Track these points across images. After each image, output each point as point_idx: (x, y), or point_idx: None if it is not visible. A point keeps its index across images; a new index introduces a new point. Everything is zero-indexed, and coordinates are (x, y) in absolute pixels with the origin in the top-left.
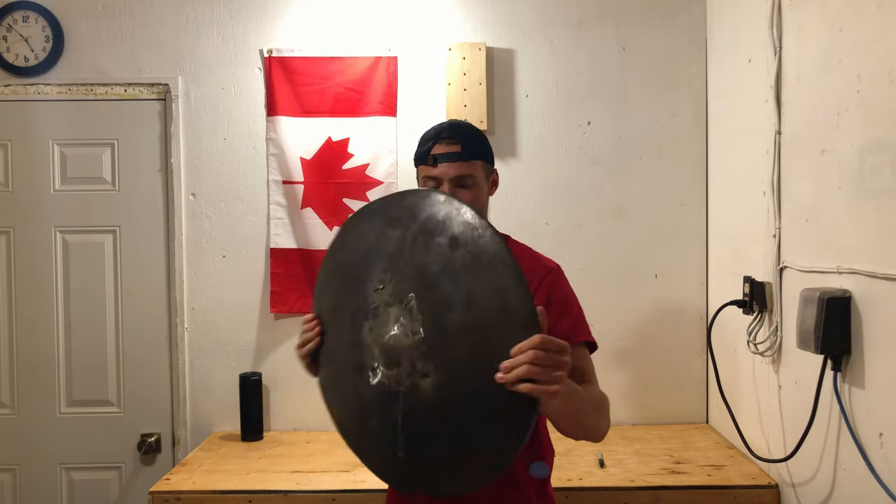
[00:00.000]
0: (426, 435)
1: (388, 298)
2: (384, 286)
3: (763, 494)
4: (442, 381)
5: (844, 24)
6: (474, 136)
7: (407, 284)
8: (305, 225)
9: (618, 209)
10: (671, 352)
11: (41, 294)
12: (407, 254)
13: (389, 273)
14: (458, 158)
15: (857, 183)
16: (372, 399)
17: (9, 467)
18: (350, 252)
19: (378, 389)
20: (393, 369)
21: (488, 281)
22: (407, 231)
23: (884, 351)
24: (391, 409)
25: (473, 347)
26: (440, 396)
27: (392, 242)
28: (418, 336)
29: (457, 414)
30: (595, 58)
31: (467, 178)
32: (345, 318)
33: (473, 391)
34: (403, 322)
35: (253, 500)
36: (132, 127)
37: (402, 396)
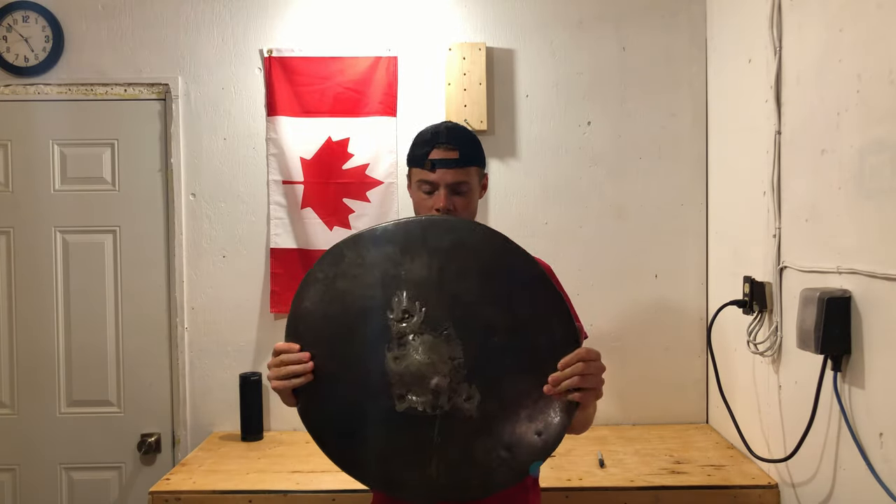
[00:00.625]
0: (465, 452)
1: (417, 328)
2: (412, 316)
3: (763, 494)
4: (486, 401)
5: (844, 24)
6: (471, 142)
7: (441, 313)
8: (305, 225)
9: (618, 209)
10: (671, 352)
11: (41, 294)
12: (436, 283)
13: (418, 302)
14: (455, 165)
15: (857, 183)
16: (397, 425)
17: (9, 467)
18: (354, 281)
19: (405, 415)
20: (428, 395)
21: (530, 305)
22: (432, 259)
23: (884, 351)
24: (422, 432)
25: (517, 367)
26: (484, 415)
27: (416, 271)
28: (458, 360)
29: (499, 429)
30: (595, 58)
31: (463, 184)
32: (354, 348)
33: (518, 407)
34: (440, 350)
35: (253, 500)
36: (132, 127)
37: (438, 419)
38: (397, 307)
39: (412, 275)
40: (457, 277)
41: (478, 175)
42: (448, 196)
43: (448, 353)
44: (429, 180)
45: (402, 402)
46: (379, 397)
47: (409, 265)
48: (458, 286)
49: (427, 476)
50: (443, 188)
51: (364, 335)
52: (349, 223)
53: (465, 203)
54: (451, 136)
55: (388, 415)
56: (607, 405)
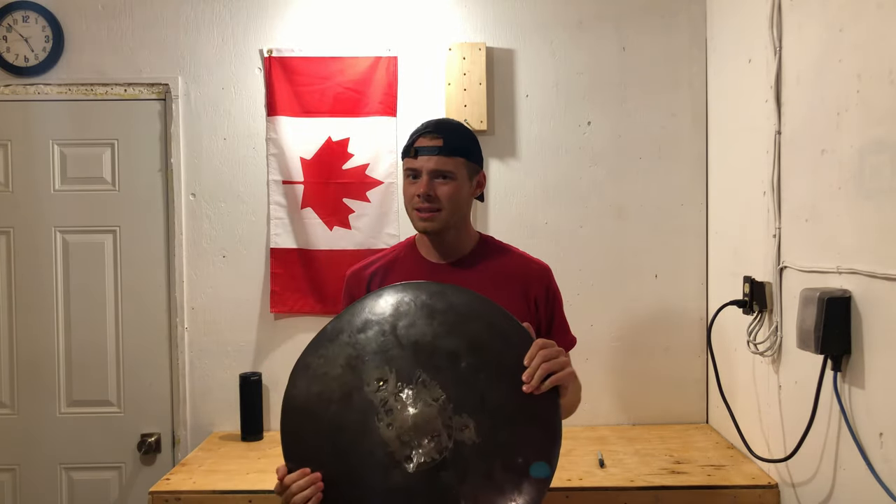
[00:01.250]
0: (487, 477)
1: (394, 388)
2: (385, 380)
3: (763, 494)
4: (480, 421)
5: (844, 24)
6: (458, 133)
7: (409, 365)
8: (305, 225)
9: (618, 209)
10: (671, 352)
11: (41, 294)
12: (393, 342)
13: (386, 367)
14: (438, 153)
15: (857, 183)
16: (418, 486)
17: (9, 467)
18: (325, 380)
19: (419, 473)
20: (430, 442)
21: (478, 323)
22: (381, 327)
23: (884, 351)
24: (442, 480)
25: (492, 379)
26: (484, 435)
27: (371, 343)
28: (442, 398)
29: (502, 440)
30: (595, 58)
31: (445, 172)
32: (349, 440)
33: (509, 414)
34: (423, 396)
35: (253, 500)
36: (132, 127)
37: (448, 461)
38: (370, 379)
39: (370, 347)
40: (407, 329)
41: (466, 168)
42: (429, 182)
43: (430, 396)
44: (413, 167)
45: (410, 461)
46: (390, 470)
47: (364, 341)
48: (412, 334)
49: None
50: (424, 174)
51: (353, 421)
52: (349, 223)
53: (448, 192)
54: (438, 126)
55: (405, 481)
56: (607, 405)
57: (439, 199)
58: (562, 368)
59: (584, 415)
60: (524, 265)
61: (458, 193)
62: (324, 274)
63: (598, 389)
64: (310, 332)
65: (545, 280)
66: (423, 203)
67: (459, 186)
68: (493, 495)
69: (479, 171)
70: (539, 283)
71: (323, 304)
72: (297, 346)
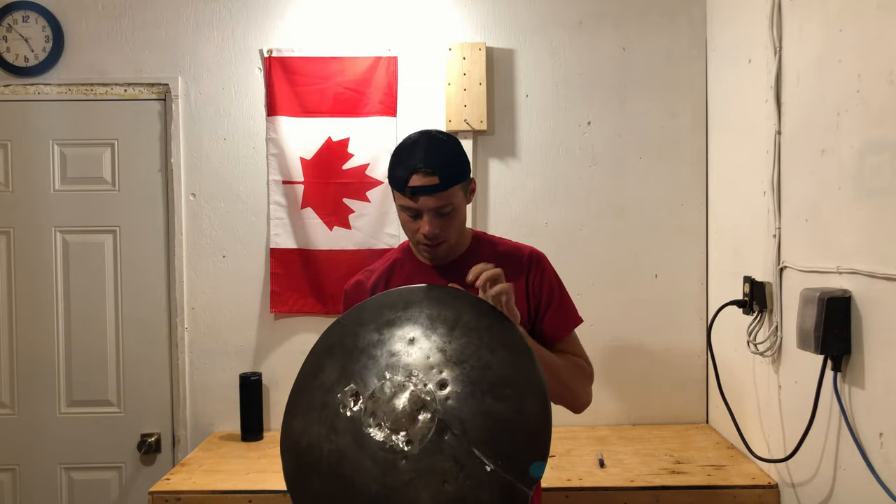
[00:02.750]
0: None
1: (369, 396)
2: (357, 393)
3: (763, 494)
4: (451, 371)
5: (844, 24)
6: (450, 162)
7: (368, 366)
8: (305, 225)
9: (618, 209)
10: (671, 352)
11: (41, 294)
12: (347, 359)
13: (351, 382)
14: (436, 191)
15: (857, 183)
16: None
17: (9, 467)
18: (310, 435)
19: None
20: (417, 419)
21: (422, 305)
22: (333, 356)
23: (884, 351)
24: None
25: (447, 335)
26: (461, 378)
27: (332, 374)
28: (410, 372)
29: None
30: (595, 58)
31: (446, 206)
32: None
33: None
34: (393, 384)
35: (253, 500)
36: (132, 127)
37: (445, 421)
38: (346, 402)
39: (330, 378)
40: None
41: (462, 190)
42: (432, 220)
43: (401, 378)
44: (411, 207)
45: (412, 444)
46: (398, 462)
47: (326, 377)
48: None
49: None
50: (426, 214)
51: (346, 444)
52: (349, 223)
53: (449, 222)
54: (429, 160)
55: (416, 465)
56: (607, 405)
57: (443, 233)
58: (494, 283)
59: (584, 415)
60: (515, 254)
61: (459, 217)
62: (324, 274)
63: (598, 389)
64: (310, 332)
65: (539, 264)
66: (428, 241)
67: (458, 211)
68: (500, 425)
69: (471, 179)
70: (534, 269)
71: (323, 304)
72: (297, 346)
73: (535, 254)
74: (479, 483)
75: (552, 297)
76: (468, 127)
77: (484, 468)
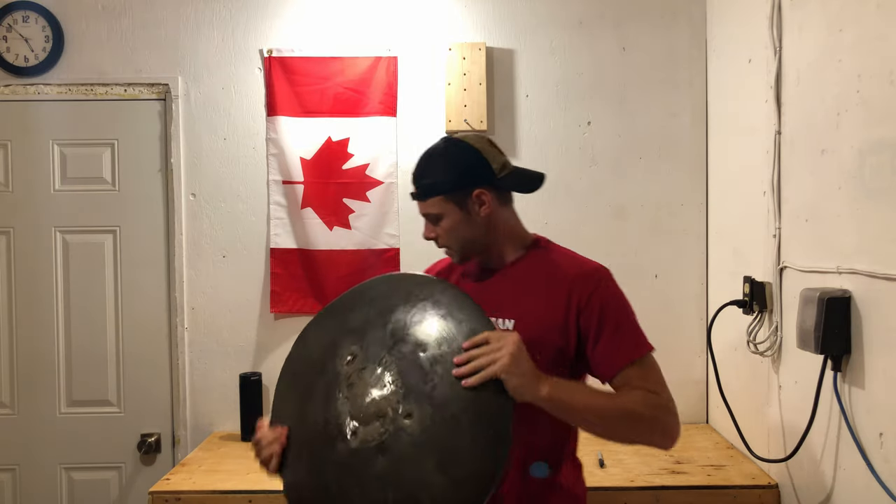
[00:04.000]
0: (415, 471)
1: (360, 364)
2: (355, 356)
3: (763, 494)
4: (424, 413)
5: (844, 24)
6: (424, 174)
7: (379, 346)
8: (305, 225)
9: (618, 209)
10: (671, 352)
11: (41, 294)
12: (374, 323)
13: (359, 345)
14: (417, 199)
15: (857, 183)
16: (355, 463)
17: (9, 467)
18: (312, 349)
19: (360, 450)
20: (373, 423)
21: (452, 321)
22: (364, 309)
23: (884, 351)
24: (378, 464)
25: (447, 374)
26: (425, 427)
27: (355, 321)
28: (398, 382)
29: (444, 436)
30: (595, 58)
31: (431, 215)
32: (313, 406)
33: (454, 410)
34: (381, 379)
35: (253, 500)
36: (132, 127)
37: (386, 446)
38: (343, 354)
39: (352, 325)
40: (384, 315)
41: (448, 201)
42: (427, 225)
43: (388, 379)
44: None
45: (355, 438)
46: (337, 442)
47: (351, 320)
48: (388, 321)
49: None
50: (425, 219)
51: (320, 389)
52: (349, 223)
53: (443, 230)
54: (415, 170)
55: (346, 457)
56: None
57: (442, 239)
58: (493, 362)
59: None
60: (567, 270)
61: (455, 228)
62: (324, 274)
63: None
64: None
65: (589, 285)
66: (437, 245)
67: (453, 221)
68: (427, 490)
69: (469, 193)
70: (581, 288)
71: (323, 304)
72: None
73: (589, 272)
74: None
75: (603, 323)
76: (468, 127)
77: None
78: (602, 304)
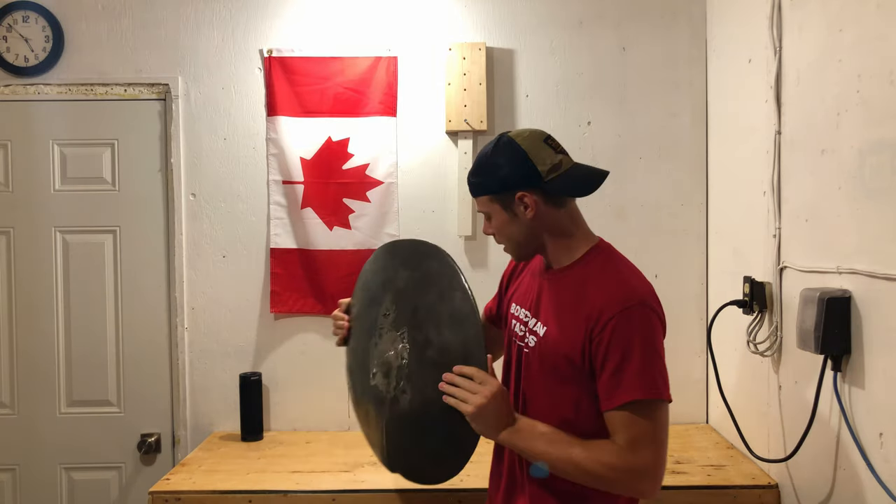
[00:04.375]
0: (399, 436)
1: (389, 325)
2: (390, 314)
3: (763, 494)
4: (414, 399)
5: (844, 24)
6: (477, 173)
7: (403, 318)
8: (305, 225)
9: (618, 209)
10: (671, 352)
11: (41, 294)
12: (410, 292)
13: (394, 305)
14: (472, 195)
15: (857, 183)
16: (371, 394)
17: (9, 467)
18: (375, 276)
19: (374, 389)
20: (385, 379)
21: (458, 333)
22: (414, 272)
23: (884, 351)
24: (381, 408)
25: (438, 379)
26: (413, 411)
27: (402, 280)
28: (404, 361)
29: (422, 426)
30: (595, 58)
31: (484, 213)
32: (363, 329)
33: (435, 415)
34: (397, 347)
35: (253, 500)
36: (132, 127)
37: (388, 402)
38: (384, 305)
39: (399, 282)
40: (423, 293)
41: (495, 202)
42: (485, 221)
43: (401, 352)
44: None
45: (374, 378)
46: (368, 370)
47: (401, 273)
48: (420, 300)
49: (381, 445)
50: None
51: (367, 321)
52: (349, 223)
53: (495, 229)
54: (471, 167)
55: (368, 385)
56: None
57: (498, 237)
58: (465, 401)
59: None
60: (599, 289)
61: (505, 227)
62: (324, 274)
63: None
64: (310, 332)
65: (609, 312)
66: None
67: (500, 221)
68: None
69: (514, 195)
70: (600, 314)
71: (323, 304)
72: (297, 347)
73: (617, 298)
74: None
75: (608, 356)
76: (468, 127)
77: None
78: (613, 335)
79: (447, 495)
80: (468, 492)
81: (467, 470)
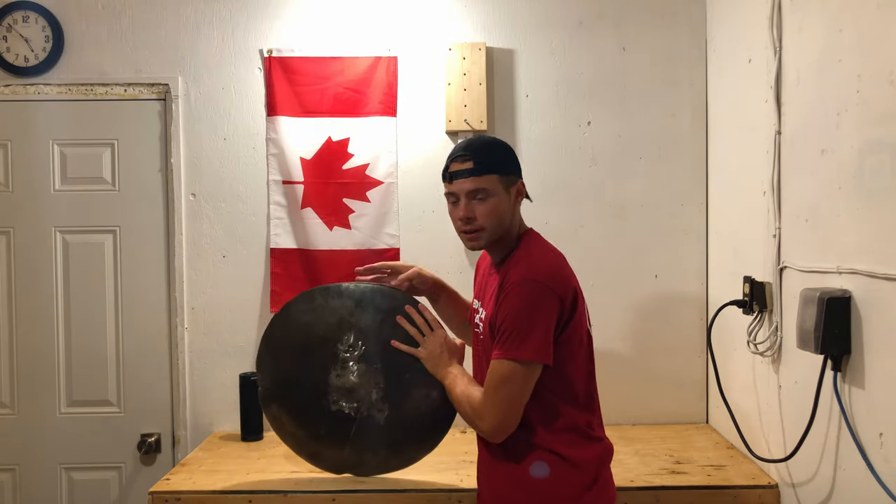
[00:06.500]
0: (372, 444)
1: (357, 357)
2: (355, 350)
3: (763, 494)
4: (391, 416)
5: (844, 24)
6: (486, 152)
7: (374, 351)
8: (305, 225)
9: (618, 209)
10: (671, 352)
11: (41, 294)
12: (376, 331)
13: (361, 341)
14: (469, 175)
15: (857, 183)
16: (329, 419)
17: (9, 467)
18: (319, 317)
19: (334, 412)
20: (353, 402)
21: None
22: (375, 315)
23: (884, 351)
24: (344, 426)
25: (418, 398)
26: (389, 425)
27: (364, 321)
28: (380, 386)
29: (398, 436)
30: (595, 58)
31: (479, 191)
32: (310, 363)
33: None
34: (370, 377)
35: (253, 500)
36: (132, 127)
37: (356, 422)
38: (346, 342)
39: (360, 323)
40: (390, 330)
41: (501, 182)
42: (467, 205)
43: (374, 380)
44: (451, 191)
45: (336, 405)
46: (323, 399)
47: (359, 315)
48: (389, 336)
49: (343, 456)
50: (462, 198)
51: (318, 356)
52: (349, 223)
53: (486, 210)
54: (467, 148)
55: (325, 412)
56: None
57: (479, 220)
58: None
59: None
60: (512, 269)
61: (498, 209)
62: (324, 274)
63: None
64: None
65: (506, 289)
66: (465, 226)
67: (498, 202)
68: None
69: (517, 181)
70: (503, 291)
71: None
72: None
73: (516, 278)
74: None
75: (495, 322)
76: (468, 127)
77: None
78: (502, 305)
79: (447, 495)
80: (468, 492)
81: (468, 470)
